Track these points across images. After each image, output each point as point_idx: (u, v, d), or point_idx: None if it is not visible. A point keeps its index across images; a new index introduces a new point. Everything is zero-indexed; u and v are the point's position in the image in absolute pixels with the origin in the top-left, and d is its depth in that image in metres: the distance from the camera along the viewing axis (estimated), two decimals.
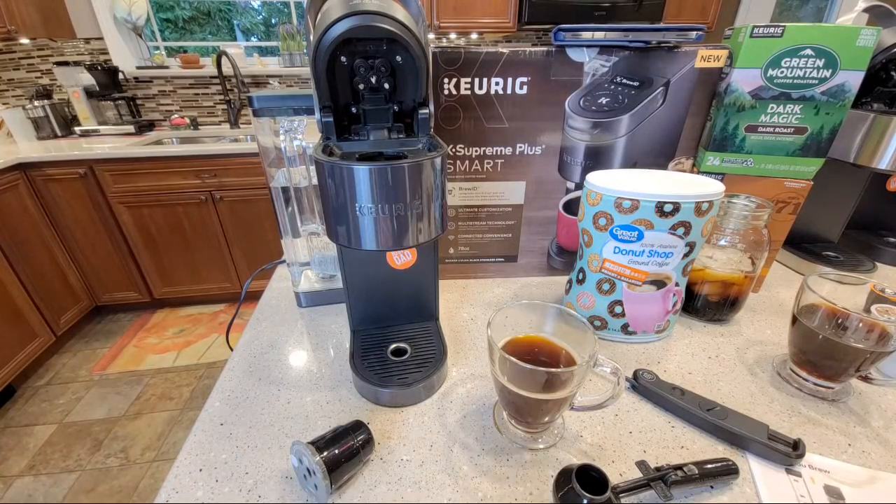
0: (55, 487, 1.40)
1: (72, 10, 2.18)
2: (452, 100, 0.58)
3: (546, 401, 0.39)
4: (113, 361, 1.96)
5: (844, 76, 0.54)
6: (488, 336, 0.39)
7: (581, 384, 0.39)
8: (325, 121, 0.41)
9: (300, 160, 0.58)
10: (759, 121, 0.58)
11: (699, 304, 0.61)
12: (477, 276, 0.73)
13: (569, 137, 0.61)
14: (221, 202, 2.02)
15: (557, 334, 0.44)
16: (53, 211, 1.91)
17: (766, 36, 0.53)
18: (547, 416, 0.41)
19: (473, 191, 0.66)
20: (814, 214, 0.75)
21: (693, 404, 0.44)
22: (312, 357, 0.56)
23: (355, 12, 0.35)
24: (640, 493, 0.36)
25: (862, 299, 0.48)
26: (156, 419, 1.66)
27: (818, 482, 0.39)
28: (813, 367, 0.48)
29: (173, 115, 2.48)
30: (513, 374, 0.39)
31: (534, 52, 0.56)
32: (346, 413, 0.47)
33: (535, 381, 0.38)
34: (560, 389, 0.38)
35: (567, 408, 0.41)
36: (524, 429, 0.43)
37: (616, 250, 0.51)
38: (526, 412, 0.42)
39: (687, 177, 0.53)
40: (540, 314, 0.44)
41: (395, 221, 0.37)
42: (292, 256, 0.65)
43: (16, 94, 2.34)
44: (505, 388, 0.39)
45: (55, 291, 1.94)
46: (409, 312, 0.56)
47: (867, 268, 0.73)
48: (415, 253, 0.51)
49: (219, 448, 0.42)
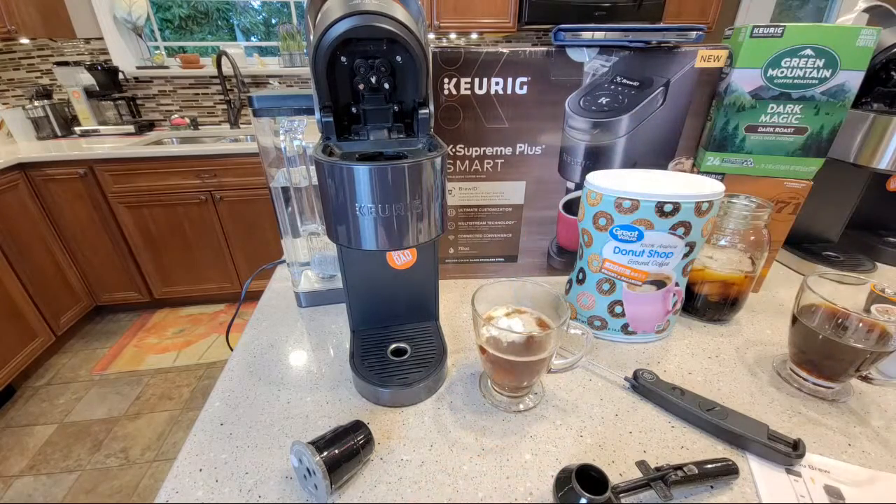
0: (55, 487, 1.40)
1: (72, 10, 2.18)
2: (452, 100, 0.58)
3: (527, 363, 0.43)
4: (113, 361, 1.96)
5: (844, 76, 0.54)
6: (473, 307, 0.44)
7: (556, 346, 0.44)
8: (325, 121, 0.41)
9: (300, 160, 0.58)
10: (759, 121, 0.58)
11: (699, 304, 0.61)
12: (477, 276, 0.73)
13: (569, 137, 0.61)
14: (221, 202, 2.02)
15: (536, 306, 0.49)
16: (53, 211, 1.91)
17: (766, 36, 0.53)
18: (526, 381, 0.46)
19: (473, 191, 0.66)
20: (814, 214, 0.75)
21: (693, 404, 0.44)
22: (312, 357, 0.56)
23: (355, 12, 0.35)
24: (640, 493, 0.36)
25: (862, 299, 0.48)
26: (156, 419, 1.66)
27: (818, 482, 0.39)
28: (813, 367, 0.48)
29: (173, 115, 2.48)
30: (496, 340, 0.43)
31: (534, 52, 0.56)
32: (346, 413, 0.47)
33: (516, 345, 0.43)
34: (538, 352, 0.43)
35: (545, 370, 0.45)
36: (508, 393, 0.47)
37: (616, 250, 0.51)
38: (509, 376, 0.46)
39: (687, 177, 0.53)
40: (518, 288, 0.49)
41: (395, 221, 0.37)
42: (292, 256, 0.65)
43: (16, 94, 2.34)
44: (490, 354, 0.44)
45: (55, 291, 1.94)
46: (409, 312, 0.56)
47: (867, 268, 0.73)
48: (415, 253, 0.51)
49: (219, 448, 0.42)
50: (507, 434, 0.44)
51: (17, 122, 2.13)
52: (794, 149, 0.59)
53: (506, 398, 0.48)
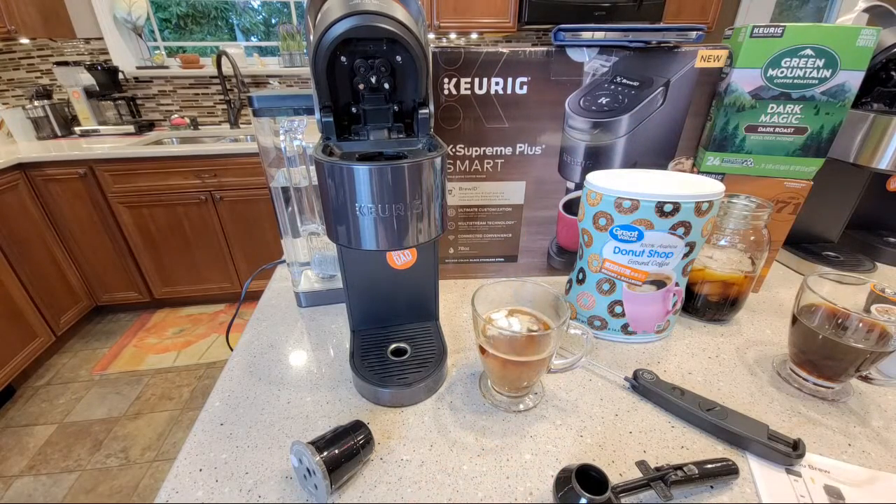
0: (55, 487, 1.40)
1: (72, 10, 2.18)
2: (452, 100, 0.58)
3: (527, 363, 0.43)
4: (113, 361, 1.96)
5: (844, 76, 0.54)
6: (473, 307, 0.43)
7: (556, 346, 0.43)
8: (325, 121, 0.41)
9: (300, 160, 0.58)
10: (759, 121, 0.58)
11: (699, 304, 0.61)
12: (477, 276, 0.73)
13: (569, 137, 0.61)
14: (221, 202, 2.02)
15: (536, 306, 0.49)
16: (53, 211, 1.91)
17: (766, 36, 0.53)
18: (526, 381, 0.46)
19: (473, 191, 0.66)
20: (814, 214, 0.75)
21: (693, 404, 0.44)
22: (312, 357, 0.56)
23: (355, 12, 0.35)
24: (640, 493, 0.36)
25: (862, 299, 0.48)
26: (156, 419, 1.66)
27: (818, 482, 0.39)
28: (813, 367, 0.48)
29: (173, 115, 2.48)
30: (496, 340, 0.43)
31: (534, 52, 0.56)
32: (346, 413, 0.47)
33: (516, 345, 0.43)
34: (538, 352, 0.43)
35: (545, 370, 0.45)
36: (508, 393, 0.47)
37: (616, 250, 0.51)
38: (509, 376, 0.46)
39: (687, 177, 0.53)
40: (518, 288, 0.49)
41: (395, 221, 0.37)
42: (292, 256, 0.65)
43: (16, 94, 2.34)
44: (490, 354, 0.43)
45: (55, 291, 1.94)
46: (409, 312, 0.56)
47: (867, 268, 0.73)
48: (415, 253, 0.51)
49: (219, 448, 0.42)
50: (507, 434, 0.44)
51: (17, 122, 2.13)
52: (794, 149, 0.59)
53: (506, 398, 0.48)
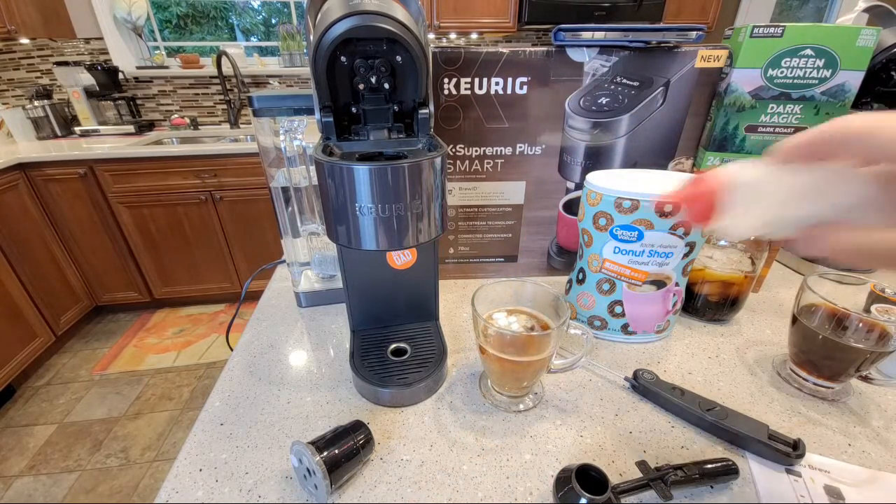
0: (55, 487, 1.40)
1: (72, 10, 2.18)
2: (452, 100, 0.58)
3: (527, 363, 0.43)
4: (113, 361, 1.96)
5: (844, 76, 0.54)
6: (473, 307, 0.43)
7: (556, 346, 0.43)
8: (325, 121, 0.41)
9: (300, 160, 0.58)
10: (759, 121, 0.58)
11: (699, 304, 0.61)
12: (477, 276, 0.73)
13: (569, 137, 0.61)
14: (221, 202, 2.02)
15: (536, 306, 0.49)
16: (53, 211, 1.91)
17: (766, 36, 0.53)
18: (526, 381, 0.46)
19: (473, 191, 0.66)
20: None
21: (693, 404, 0.44)
22: (312, 357, 0.56)
23: (355, 12, 0.35)
24: (640, 493, 0.36)
25: (862, 299, 0.48)
26: (156, 419, 1.66)
27: (818, 482, 0.39)
28: (813, 367, 0.48)
29: (173, 115, 2.48)
30: (496, 340, 0.43)
31: (534, 52, 0.56)
32: (346, 413, 0.47)
33: (516, 345, 0.43)
34: (538, 352, 0.43)
35: (545, 370, 0.45)
36: (508, 393, 0.47)
37: (616, 250, 0.51)
38: (509, 376, 0.46)
39: (687, 177, 0.53)
40: (518, 288, 0.49)
41: (395, 221, 0.37)
42: (292, 256, 0.65)
43: (16, 94, 2.34)
44: (490, 354, 0.43)
45: (55, 291, 1.94)
46: (409, 312, 0.56)
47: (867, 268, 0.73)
48: (415, 253, 0.51)
49: (219, 448, 0.42)
50: (507, 434, 0.44)
51: (17, 122, 2.13)
52: None
53: (506, 398, 0.48)
